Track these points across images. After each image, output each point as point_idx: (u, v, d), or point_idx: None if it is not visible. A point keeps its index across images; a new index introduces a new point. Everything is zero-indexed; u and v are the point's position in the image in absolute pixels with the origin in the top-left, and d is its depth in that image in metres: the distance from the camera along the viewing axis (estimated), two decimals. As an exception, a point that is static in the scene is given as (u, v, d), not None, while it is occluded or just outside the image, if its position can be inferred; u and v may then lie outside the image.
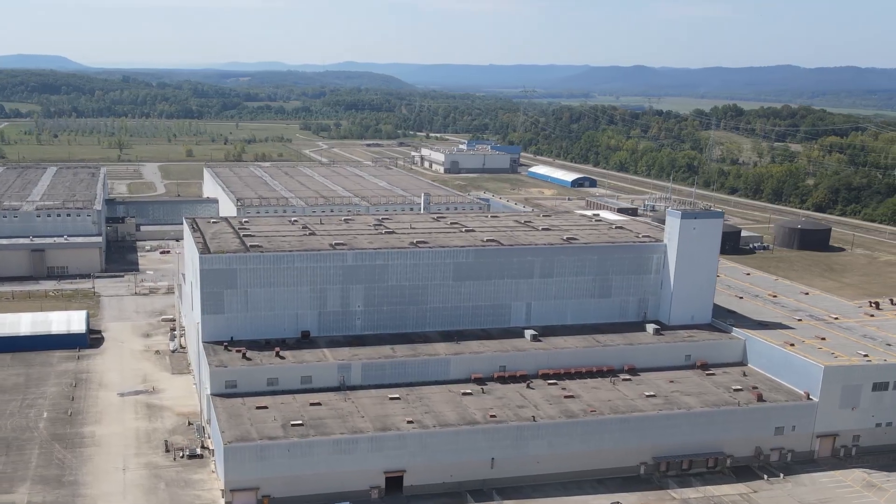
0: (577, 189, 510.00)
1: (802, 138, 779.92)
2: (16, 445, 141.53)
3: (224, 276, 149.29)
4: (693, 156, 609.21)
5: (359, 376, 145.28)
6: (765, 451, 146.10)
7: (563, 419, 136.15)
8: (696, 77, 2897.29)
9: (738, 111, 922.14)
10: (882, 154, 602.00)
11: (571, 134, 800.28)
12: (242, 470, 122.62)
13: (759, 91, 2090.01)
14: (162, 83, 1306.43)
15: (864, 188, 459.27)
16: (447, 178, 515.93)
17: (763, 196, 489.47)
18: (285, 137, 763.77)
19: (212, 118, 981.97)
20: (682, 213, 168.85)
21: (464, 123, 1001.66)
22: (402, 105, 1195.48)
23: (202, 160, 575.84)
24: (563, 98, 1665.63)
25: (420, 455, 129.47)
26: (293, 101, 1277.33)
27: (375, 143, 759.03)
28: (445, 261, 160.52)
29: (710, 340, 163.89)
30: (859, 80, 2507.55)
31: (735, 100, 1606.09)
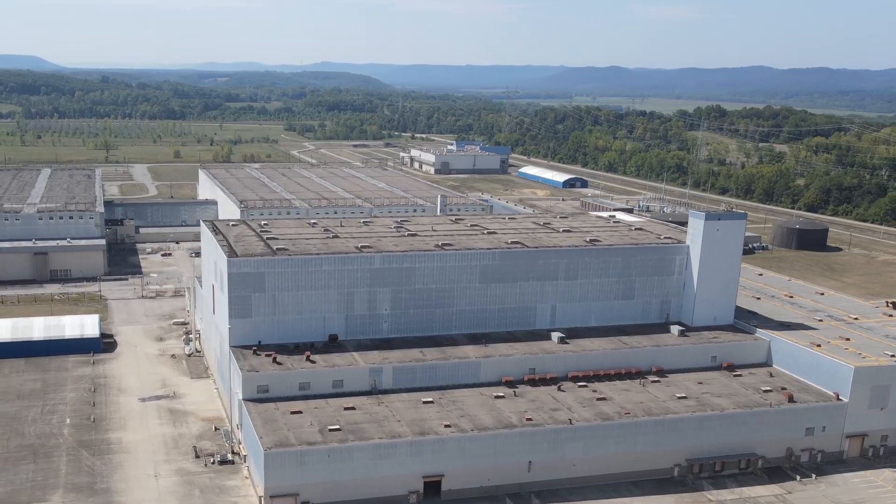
0: (569, 189, 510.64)
1: (786, 139, 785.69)
2: (43, 453, 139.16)
3: (252, 280, 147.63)
4: (682, 156, 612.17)
5: (390, 380, 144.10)
6: (796, 452, 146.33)
7: (598, 422, 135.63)
8: (672, 78, 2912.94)
9: (721, 112, 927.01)
10: (868, 154, 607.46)
11: (557, 135, 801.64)
12: (282, 476, 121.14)
13: (734, 92, 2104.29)
14: (142, 84, 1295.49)
15: (856, 188, 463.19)
16: (438, 178, 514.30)
17: (754, 196, 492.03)
18: (271, 138, 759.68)
19: (194, 119, 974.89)
20: (706, 214, 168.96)
21: (448, 124, 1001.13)
22: (384, 106, 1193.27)
23: (190, 161, 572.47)
24: (542, 98, 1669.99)
25: (458, 459, 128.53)
26: (274, 102, 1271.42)
27: (362, 144, 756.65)
28: (472, 263, 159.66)
29: (735, 342, 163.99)
30: (831, 81, 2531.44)
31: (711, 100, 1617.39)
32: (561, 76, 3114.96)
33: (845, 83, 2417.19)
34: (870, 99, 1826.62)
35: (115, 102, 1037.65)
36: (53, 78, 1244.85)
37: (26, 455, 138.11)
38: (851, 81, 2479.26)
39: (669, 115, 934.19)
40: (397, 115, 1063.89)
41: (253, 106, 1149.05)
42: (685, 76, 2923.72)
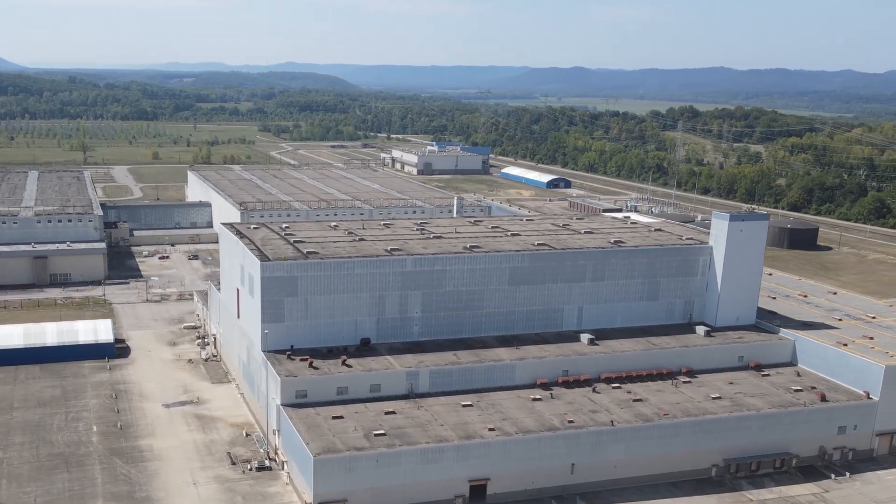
0: (553, 190, 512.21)
1: (759, 139, 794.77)
2: (75, 461, 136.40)
3: (285, 284, 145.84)
4: (663, 156, 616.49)
5: (426, 383, 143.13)
6: (828, 451, 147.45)
7: (639, 423, 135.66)
8: (634, 78, 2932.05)
9: (694, 112, 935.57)
10: (843, 154, 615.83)
11: (534, 135, 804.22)
12: (331, 482, 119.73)
13: (695, 92, 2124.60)
14: (109, 84, 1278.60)
15: (837, 188, 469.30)
16: (422, 179, 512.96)
17: (737, 196, 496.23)
18: (247, 139, 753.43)
19: (166, 120, 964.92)
20: (731, 215, 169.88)
21: (422, 125, 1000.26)
22: (356, 106, 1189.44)
23: (170, 163, 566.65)
24: (508, 99, 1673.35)
25: (504, 462, 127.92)
26: (244, 103, 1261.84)
27: (340, 145, 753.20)
28: (502, 265, 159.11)
29: (761, 341, 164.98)
30: (789, 81, 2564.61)
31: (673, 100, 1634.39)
32: (525, 76, 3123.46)
33: (803, 84, 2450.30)
34: (828, 99, 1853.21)
35: (84, 103, 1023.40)
36: (20, 78, 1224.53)
37: (58, 464, 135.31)
38: (809, 82, 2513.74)
39: (643, 116, 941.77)
40: (370, 116, 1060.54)
41: (224, 107, 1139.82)
42: (647, 77, 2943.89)
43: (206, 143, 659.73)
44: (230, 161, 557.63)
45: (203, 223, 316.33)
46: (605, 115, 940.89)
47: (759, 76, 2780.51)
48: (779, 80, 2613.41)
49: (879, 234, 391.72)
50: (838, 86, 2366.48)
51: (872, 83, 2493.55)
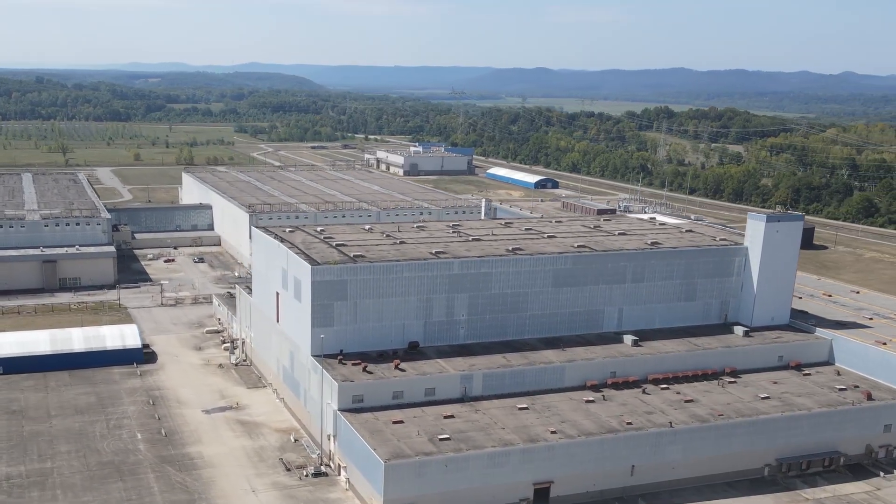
0: (541, 190, 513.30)
1: (735, 139, 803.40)
2: (127, 470, 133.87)
3: (334, 288, 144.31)
4: (646, 157, 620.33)
5: (479, 386, 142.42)
6: (875, 449, 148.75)
7: (696, 424, 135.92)
8: (596, 79, 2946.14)
9: (669, 113, 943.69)
10: (823, 154, 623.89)
11: (512, 136, 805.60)
12: (402, 488, 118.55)
13: (657, 93, 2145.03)
14: (78, 84, 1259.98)
15: (824, 188, 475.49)
16: (410, 180, 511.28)
17: (724, 196, 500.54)
18: (225, 140, 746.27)
19: (139, 120, 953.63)
20: (767, 216, 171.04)
21: (398, 125, 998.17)
22: (329, 107, 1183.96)
23: (153, 164, 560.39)
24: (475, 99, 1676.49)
25: (567, 465, 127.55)
26: (216, 103, 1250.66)
27: (320, 146, 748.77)
28: (545, 267, 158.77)
29: (799, 341, 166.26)
30: (748, 82, 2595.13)
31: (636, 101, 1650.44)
32: (489, 77, 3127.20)
33: (762, 84, 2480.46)
34: (787, 100, 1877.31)
35: (54, 104, 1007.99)
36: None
37: (110, 473, 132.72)
38: (767, 83, 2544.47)
39: (619, 116, 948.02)
40: (345, 117, 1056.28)
41: (197, 108, 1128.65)
42: (609, 77, 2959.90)
43: (185, 145, 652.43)
44: (213, 162, 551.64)
45: (204, 226, 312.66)
46: (582, 116, 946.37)
47: (718, 77, 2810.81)
48: (738, 80, 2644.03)
49: (870, 233, 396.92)
50: (795, 86, 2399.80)
51: (829, 84, 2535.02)
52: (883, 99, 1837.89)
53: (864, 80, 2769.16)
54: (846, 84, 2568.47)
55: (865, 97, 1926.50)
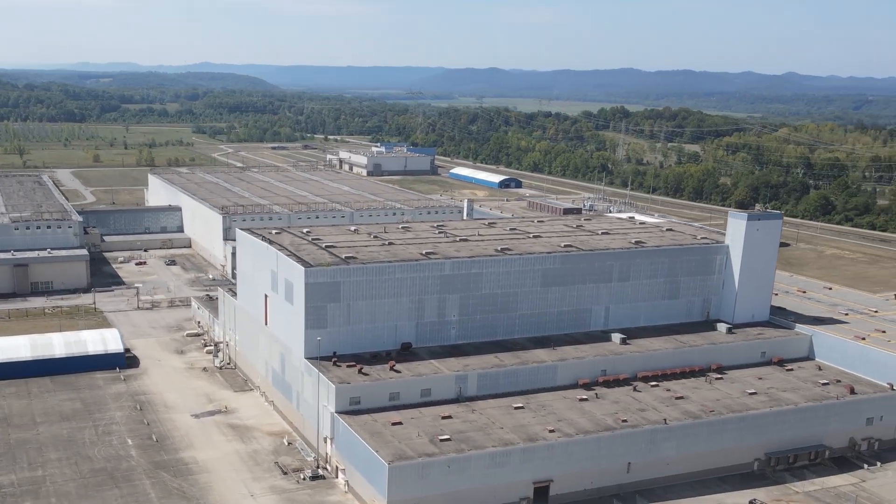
0: (505, 190, 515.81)
1: (689, 139, 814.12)
2: (121, 477, 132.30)
3: (328, 290, 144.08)
4: (607, 156, 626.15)
5: (474, 386, 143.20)
6: (858, 442, 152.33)
7: (689, 420, 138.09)
8: (547, 79, 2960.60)
9: (625, 113, 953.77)
10: (777, 153, 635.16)
11: (472, 135, 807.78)
12: (405, 489, 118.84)
13: (607, 93, 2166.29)
14: (29, 84, 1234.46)
15: (782, 186, 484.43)
16: (377, 180, 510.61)
17: (684, 195, 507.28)
18: (184, 141, 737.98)
19: (95, 121, 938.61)
20: (748, 215, 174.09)
21: (356, 125, 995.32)
22: (285, 107, 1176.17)
23: (113, 166, 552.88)
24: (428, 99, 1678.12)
25: (566, 463, 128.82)
26: (170, 104, 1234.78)
27: (280, 147, 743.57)
28: (534, 267, 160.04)
29: (780, 337, 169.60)
30: (695, 82, 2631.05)
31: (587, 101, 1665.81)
32: (441, 77, 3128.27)
33: (708, 85, 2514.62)
34: (734, 100, 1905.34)
35: (6, 104, 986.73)
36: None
37: (104, 480, 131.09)
38: (713, 83, 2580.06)
39: (576, 116, 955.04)
40: (303, 117, 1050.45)
41: (153, 108, 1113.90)
42: (559, 77, 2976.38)
43: (144, 146, 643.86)
44: (174, 164, 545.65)
45: (173, 227, 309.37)
46: (539, 116, 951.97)
47: (666, 77, 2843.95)
48: (685, 80, 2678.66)
49: (828, 230, 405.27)
50: (741, 87, 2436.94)
51: (773, 84, 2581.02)
52: (825, 99, 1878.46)
53: (807, 80, 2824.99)
54: (789, 84, 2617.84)
55: (809, 97, 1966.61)
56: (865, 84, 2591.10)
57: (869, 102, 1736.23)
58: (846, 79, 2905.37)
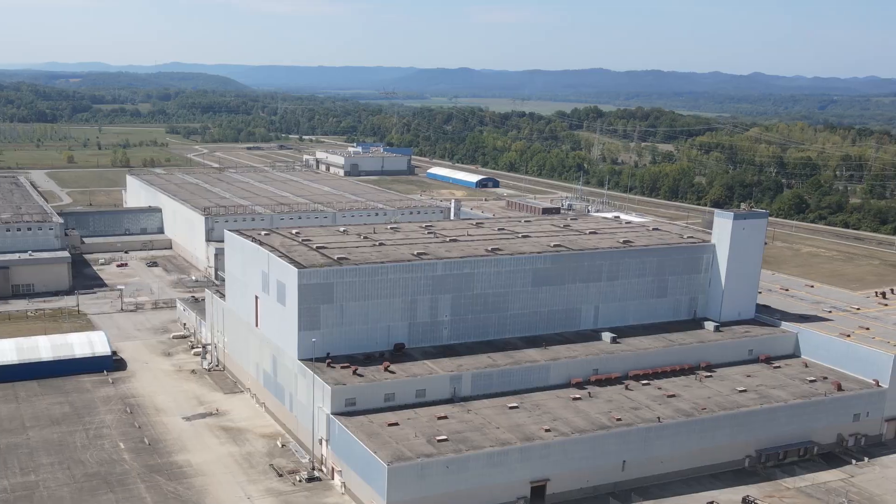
0: (483, 189, 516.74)
1: (662, 138, 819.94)
2: (115, 481, 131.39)
3: (321, 291, 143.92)
4: (583, 156, 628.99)
5: (468, 387, 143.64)
6: (845, 438, 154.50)
7: (683, 418, 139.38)
8: (518, 79, 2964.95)
9: (599, 113, 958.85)
10: (750, 152, 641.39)
11: (447, 135, 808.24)
12: (404, 490, 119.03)
13: (578, 93, 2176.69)
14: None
15: (756, 185, 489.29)
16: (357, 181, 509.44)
17: (660, 194, 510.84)
18: (158, 142, 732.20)
19: (66, 122, 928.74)
20: (734, 214, 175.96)
21: (330, 126, 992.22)
22: (259, 108, 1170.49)
23: (87, 166, 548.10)
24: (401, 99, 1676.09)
25: (563, 462, 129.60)
26: (142, 104, 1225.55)
27: (256, 147, 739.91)
28: (525, 267, 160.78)
29: (767, 335, 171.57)
30: (664, 82, 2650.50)
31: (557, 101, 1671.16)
32: (412, 77, 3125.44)
33: (677, 85, 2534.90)
34: (702, 100, 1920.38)
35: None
36: None
37: (98, 484, 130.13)
38: (681, 83, 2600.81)
39: (551, 116, 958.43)
40: (276, 118, 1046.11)
41: (125, 108, 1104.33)
42: (530, 78, 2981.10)
43: (119, 147, 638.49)
44: (150, 164, 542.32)
45: (154, 229, 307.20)
46: (514, 116, 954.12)
47: (636, 77, 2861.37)
48: (654, 80, 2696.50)
49: (803, 229, 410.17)
50: (709, 87, 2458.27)
51: (740, 84, 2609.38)
52: (791, 99, 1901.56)
53: (773, 80, 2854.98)
54: (756, 84, 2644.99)
55: (776, 97, 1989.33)
56: (829, 84, 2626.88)
57: (834, 102, 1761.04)
58: (811, 79, 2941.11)
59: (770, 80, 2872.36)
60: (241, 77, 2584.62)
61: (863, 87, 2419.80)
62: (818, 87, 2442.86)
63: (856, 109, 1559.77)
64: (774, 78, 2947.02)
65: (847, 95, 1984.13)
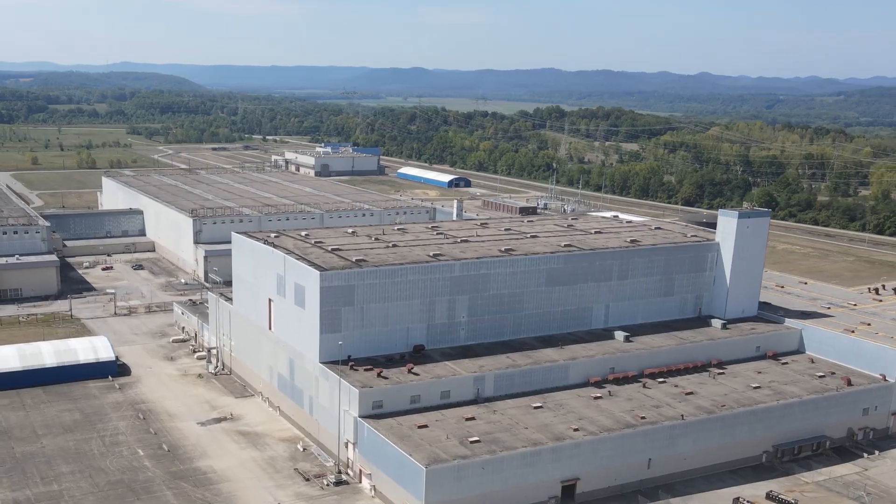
0: (456, 189, 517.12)
1: (624, 138, 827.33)
2: (141, 489, 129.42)
3: (342, 294, 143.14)
4: (551, 155, 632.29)
5: (491, 387, 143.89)
6: (855, 432, 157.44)
7: (704, 416, 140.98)
8: (471, 79, 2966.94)
9: (561, 112, 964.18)
10: (714, 151, 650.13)
11: (412, 135, 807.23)
12: (441, 492, 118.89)
13: (531, 92, 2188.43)
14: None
15: (726, 183, 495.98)
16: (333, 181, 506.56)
17: (631, 193, 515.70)
18: (121, 142, 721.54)
19: (23, 122, 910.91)
20: (739, 213, 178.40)
21: (293, 126, 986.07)
22: (217, 108, 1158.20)
23: (53, 168, 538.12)
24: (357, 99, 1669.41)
25: (593, 461, 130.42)
26: (99, 104, 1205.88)
27: (221, 147, 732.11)
28: (539, 267, 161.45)
29: (772, 332, 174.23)
30: (614, 82, 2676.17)
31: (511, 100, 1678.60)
32: (366, 77, 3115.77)
33: (627, 84, 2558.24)
34: (653, 99, 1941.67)
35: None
36: None
37: (124, 493, 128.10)
38: (632, 83, 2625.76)
39: (514, 116, 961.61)
40: (238, 118, 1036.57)
41: (83, 109, 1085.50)
42: (483, 77, 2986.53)
43: (82, 148, 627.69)
44: (117, 165, 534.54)
45: (135, 231, 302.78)
46: (477, 116, 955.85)
47: (587, 77, 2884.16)
48: (605, 80, 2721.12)
49: (774, 226, 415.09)
50: (658, 86, 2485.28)
51: (687, 84, 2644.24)
52: (739, 98, 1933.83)
53: (719, 80, 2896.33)
54: (703, 84, 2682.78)
55: (724, 96, 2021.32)
56: (773, 84, 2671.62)
57: (780, 101, 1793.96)
58: (755, 79, 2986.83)
59: (717, 79, 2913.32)
60: (194, 77, 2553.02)
61: (805, 87, 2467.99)
62: (763, 87, 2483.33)
63: (802, 108, 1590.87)
64: (721, 78, 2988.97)
65: (792, 95, 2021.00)
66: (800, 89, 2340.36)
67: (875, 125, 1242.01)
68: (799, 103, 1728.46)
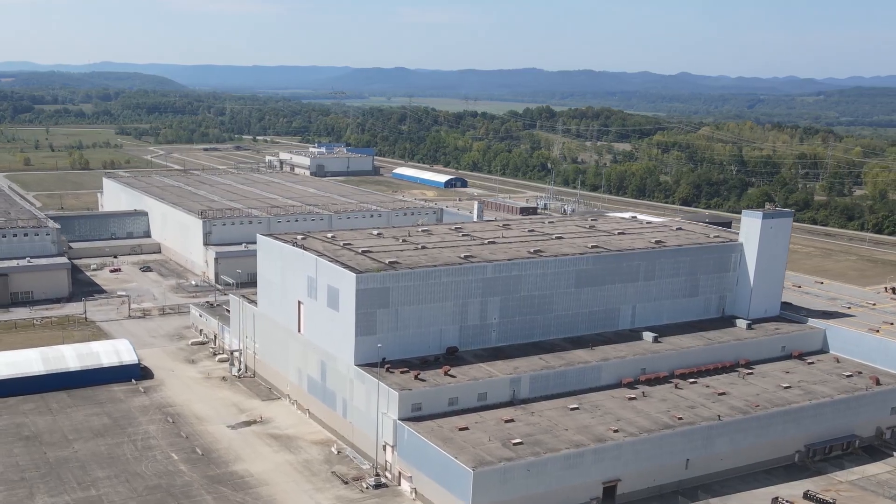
0: (452, 189, 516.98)
1: (615, 138, 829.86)
2: (180, 493, 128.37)
3: (378, 296, 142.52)
4: (546, 155, 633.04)
5: (527, 389, 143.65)
6: (884, 431, 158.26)
7: (740, 416, 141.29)
8: (453, 78, 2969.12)
9: (551, 113, 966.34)
10: (708, 151, 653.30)
11: (404, 135, 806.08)
12: (488, 495, 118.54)
13: (513, 92, 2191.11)
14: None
15: (723, 183, 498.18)
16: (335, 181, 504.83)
17: (628, 193, 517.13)
18: (111, 143, 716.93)
19: (9, 122, 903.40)
20: (763, 213, 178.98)
21: (282, 126, 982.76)
22: (204, 108, 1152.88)
23: (45, 169, 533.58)
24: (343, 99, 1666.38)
25: (633, 462, 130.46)
26: (84, 104, 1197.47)
27: (213, 148, 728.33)
28: (569, 268, 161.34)
29: (797, 332, 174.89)
30: (596, 82, 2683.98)
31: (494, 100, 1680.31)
32: (348, 76, 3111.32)
33: (609, 84, 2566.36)
34: (635, 99, 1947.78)
35: None
36: None
37: (163, 497, 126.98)
38: (613, 83, 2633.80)
39: (504, 116, 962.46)
40: (226, 118, 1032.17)
41: (69, 109, 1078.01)
42: (466, 77, 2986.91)
43: (73, 149, 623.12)
44: (111, 166, 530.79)
45: (140, 233, 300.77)
46: (467, 116, 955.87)
47: (569, 77, 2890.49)
48: (587, 80, 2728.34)
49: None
50: (640, 86, 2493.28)
51: (668, 84, 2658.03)
52: (721, 98, 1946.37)
53: (700, 80, 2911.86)
54: (684, 84, 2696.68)
55: (705, 96, 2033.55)
56: (753, 84, 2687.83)
57: (761, 101, 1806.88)
58: (735, 79, 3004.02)
59: (697, 79, 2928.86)
60: (176, 77, 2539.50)
61: (784, 87, 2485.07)
62: (743, 87, 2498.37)
63: (783, 108, 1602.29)
64: (701, 78, 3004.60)
65: (772, 95, 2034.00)
66: (779, 89, 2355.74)
67: (856, 125, 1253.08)
68: (780, 103, 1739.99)
